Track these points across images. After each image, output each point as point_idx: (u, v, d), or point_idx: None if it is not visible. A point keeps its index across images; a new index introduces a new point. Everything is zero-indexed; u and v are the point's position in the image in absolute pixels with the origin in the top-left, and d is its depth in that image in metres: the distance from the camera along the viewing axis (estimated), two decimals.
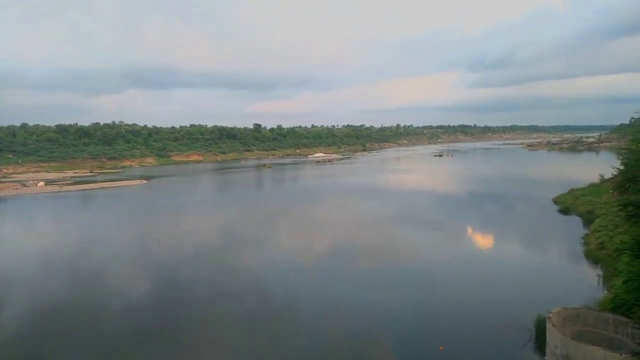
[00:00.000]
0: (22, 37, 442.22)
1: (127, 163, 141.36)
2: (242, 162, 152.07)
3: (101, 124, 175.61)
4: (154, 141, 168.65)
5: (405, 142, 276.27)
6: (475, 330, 20.44)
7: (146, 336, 21.23)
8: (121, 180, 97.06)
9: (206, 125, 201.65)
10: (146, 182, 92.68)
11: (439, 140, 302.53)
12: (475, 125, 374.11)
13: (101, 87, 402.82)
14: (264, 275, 30.18)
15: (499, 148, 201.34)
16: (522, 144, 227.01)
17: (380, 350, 19.38)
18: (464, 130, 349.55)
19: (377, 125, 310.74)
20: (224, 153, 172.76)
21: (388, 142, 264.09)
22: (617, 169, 34.86)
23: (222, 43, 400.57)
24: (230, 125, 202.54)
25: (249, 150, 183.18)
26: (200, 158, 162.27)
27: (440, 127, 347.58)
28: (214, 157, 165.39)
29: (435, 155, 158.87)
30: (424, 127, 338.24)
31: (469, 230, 42.65)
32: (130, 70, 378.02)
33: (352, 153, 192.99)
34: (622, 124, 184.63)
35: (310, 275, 29.80)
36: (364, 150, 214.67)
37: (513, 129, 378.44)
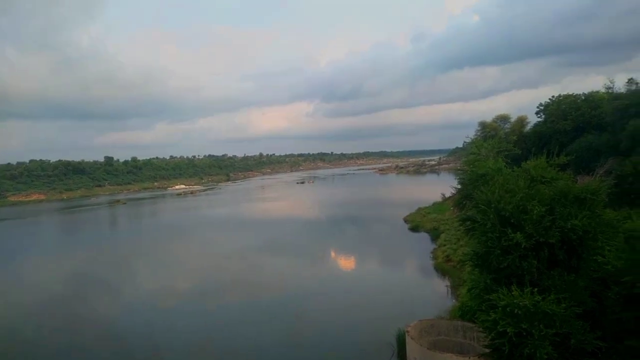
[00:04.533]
0: None
1: None
2: (93, 199, 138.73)
3: None
4: None
5: (269, 170, 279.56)
6: (341, 351, 21.00)
7: None
8: None
9: (49, 161, 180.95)
10: None
11: (300, 167, 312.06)
12: (332, 152, 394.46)
13: None
14: (122, 323, 27.49)
15: (354, 173, 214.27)
16: (374, 168, 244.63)
17: None
18: (323, 158, 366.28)
19: (240, 154, 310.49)
20: (70, 190, 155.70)
21: (252, 171, 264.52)
22: (455, 188, 39.36)
23: (63, 70, 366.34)
24: (77, 159, 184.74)
25: (100, 186, 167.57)
26: (43, 197, 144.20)
27: (300, 155, 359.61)
28: (59, 196, 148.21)
29: (298, 183, 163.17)
30: (286, 156, 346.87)
31: (332, 253, 44.25)
32: None
33: (216, 183, 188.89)
34: (457, 148, 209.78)
35: (175, 317, 27.93)
36: (228, 180, 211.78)
37: (366, 155, 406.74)
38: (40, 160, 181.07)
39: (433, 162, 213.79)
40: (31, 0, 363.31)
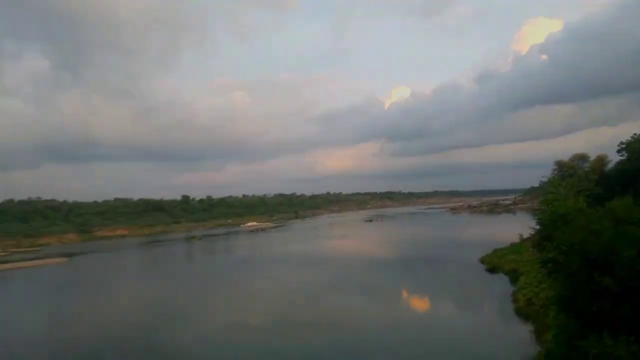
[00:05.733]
0: None
1: (45, 240, 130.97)
2: (171, 235, 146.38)
3: (16, 201, 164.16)
4: (75, 216, 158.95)
5: (337, 208, 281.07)
6: None
7: None
8: (39, 259, 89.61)
9: (131, 199, 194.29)
10: (66, 260, 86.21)
11: (368, 206, 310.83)
12: (400, 191, 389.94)
13: (15, 162, 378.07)
14: (197, 354, 28.54)
15: (424, 212, 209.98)
16: (445, 207, 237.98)
17: None
18: (390, 196, 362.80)
19: (308, 193, 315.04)
20: (150, 226, 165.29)
21: (320, 209, 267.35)
22: (534, 228, 37.80)
23: (143, 116, 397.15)
24: (156, 198, 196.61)
25: (177, 222, 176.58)
26: (126, 232, 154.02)
27: (367, 193, 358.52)
28: (140, 231, 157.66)
29: (366, 221, 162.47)
30: (353, 194, 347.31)
31: (403, 294, 43.47)
32: (47, 145, 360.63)
33: (285, 221, 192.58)
34: (532, 187, 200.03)
35: (246, 350, 28.61)
36: (297, 217, 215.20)
37: (435, 194, 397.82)
38: (124, 198, 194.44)
39: (508, 202, 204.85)
40: (113, 56, 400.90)
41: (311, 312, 37.68)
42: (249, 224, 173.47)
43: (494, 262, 52.53)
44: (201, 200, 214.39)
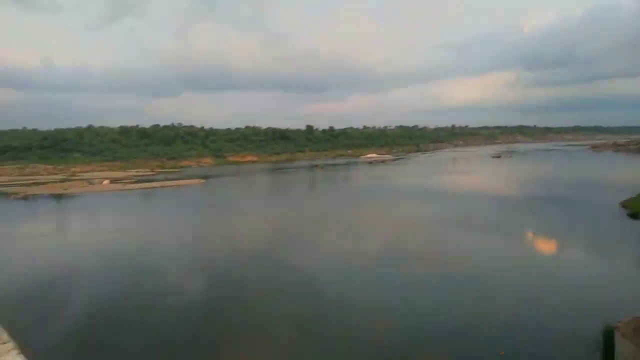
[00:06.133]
0: (85, 43, 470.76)
1: (185, 163, 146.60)
2: (295, 162, 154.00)
3: (161, 126, 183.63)
4: (210, 142, 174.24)
5: (461, 142, 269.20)
6: (537, 337, 19.67)
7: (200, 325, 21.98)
8: (181, 179, 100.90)
9: (260, 127, 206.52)
10: (204, 181, 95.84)
11: (496, 141, 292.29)
12: (535, 125, 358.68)
13: (159, 90, 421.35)
14: (316, 275, 30.32)
15: (561, 149, 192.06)
16: (586, 145, 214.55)
17: (439, 351, 19.10)
18: (523, 131, 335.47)
19: (431, 126, 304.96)
20: (277, 154, 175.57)
21: (442, 142, 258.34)
22: None
23: (271, 47, 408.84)
24: (283, 127, 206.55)
25: (301, 151, 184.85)
26: (255, 159, 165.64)
27: (497, 127, 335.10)
28: (268, 158, 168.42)
29: (493, 157, 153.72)
30: (480, 128, 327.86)
31: (530, 235, 41.01)
32: (186, 74, 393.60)
33: (405, 154, 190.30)
34: None
35: (363, 277, 29.63)
36: (418, 151, 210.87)
37: (576, 129, 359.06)
38: (254, 126, 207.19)
39: None
40: None
41: (427, 246, 37.53)
42: (369, 155, 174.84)
43: (638, 207, 46.88)
44: (324, 131, 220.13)
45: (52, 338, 20.97)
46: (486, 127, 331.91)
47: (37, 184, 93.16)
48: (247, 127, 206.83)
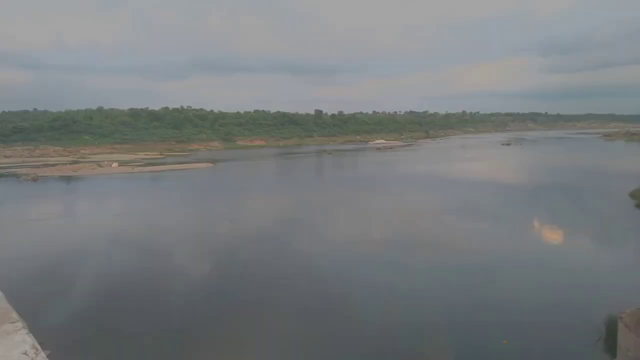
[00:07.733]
0: (95, 25, 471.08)
1: (194, 146, 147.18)
2: (304, 147, 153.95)
3: (170, 109, 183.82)
4: (219, 126, 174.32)
5: (471, 129, 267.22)
6: (540, 326, 19.74)
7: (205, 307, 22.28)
8: (189, 162, 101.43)
9: (269, 111, 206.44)
10: (212, 165, 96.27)
11: (507, 128, 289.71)
12: (546, 113, 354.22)
13: (169, 72, 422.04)
14: (320, 261, 30.51)
15: (571, 137, 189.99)
16: (598, 133, 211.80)
17: (441, 339, 19.26)
18: (534, 119, 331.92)
19: (442, 112, 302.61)
20: (285, 138, 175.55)
21: (453, 129, 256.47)
22: None
23: (282, 30, 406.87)
24: (291, 111, 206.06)
25: (310, 136, 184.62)
26: (263, 143, 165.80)
27: (508, 114, 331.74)
28: (276, 143, 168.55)
29: (503, 144, 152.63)
30: (491, 115, 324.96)
31: (536, 224, 40.88)
32: (196, 56, 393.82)
33: (414, 140, 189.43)
34: None
35: (367, 263, 29.73)
36: (427, 137, 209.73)
37: (588, 117, 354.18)
38: (263, 110, 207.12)
39: None
40: None
41: (432, 233, 37.62)
42: (377, 141, 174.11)
43: None
44: (333, 116, 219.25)
45: (60, 318, 21.41)
46: (498, 114, 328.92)
47: (47, 165, 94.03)
48: (256, 111, 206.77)
